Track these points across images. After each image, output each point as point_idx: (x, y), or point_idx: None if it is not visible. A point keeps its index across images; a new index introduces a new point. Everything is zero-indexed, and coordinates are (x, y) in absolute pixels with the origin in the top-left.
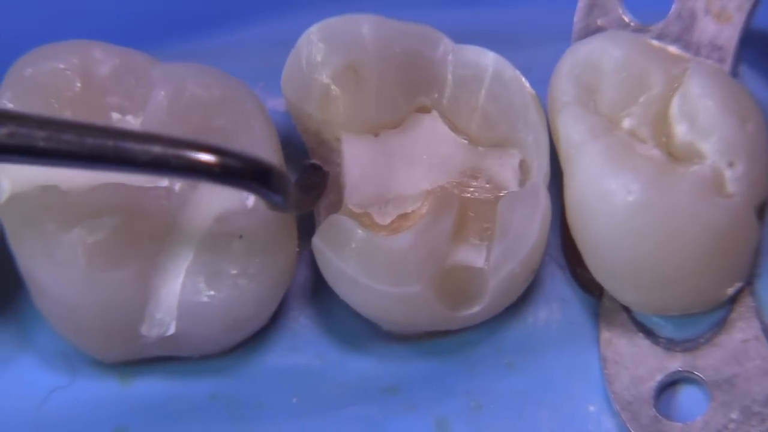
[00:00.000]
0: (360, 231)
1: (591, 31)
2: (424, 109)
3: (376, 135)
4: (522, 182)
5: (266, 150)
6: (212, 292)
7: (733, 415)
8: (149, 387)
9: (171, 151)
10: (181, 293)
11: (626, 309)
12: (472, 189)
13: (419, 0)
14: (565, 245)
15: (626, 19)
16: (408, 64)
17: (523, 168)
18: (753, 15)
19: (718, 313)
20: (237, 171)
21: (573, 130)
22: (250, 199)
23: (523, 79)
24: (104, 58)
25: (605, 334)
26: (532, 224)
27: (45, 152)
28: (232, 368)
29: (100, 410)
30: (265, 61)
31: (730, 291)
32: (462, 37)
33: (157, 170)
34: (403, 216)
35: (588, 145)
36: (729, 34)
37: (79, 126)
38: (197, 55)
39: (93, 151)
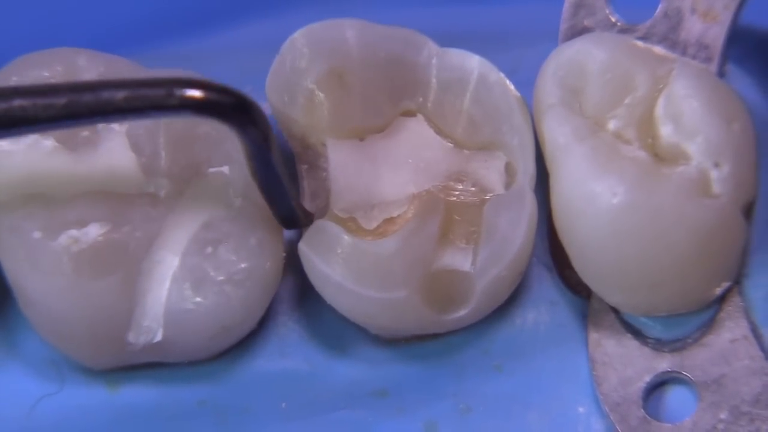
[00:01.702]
0: (346, 236)
1: (577, 31)
2: (409, 113)
3: (362, 139)
4: (508, 185)
5: None
6: (199, 299)
7: (722, 416)
8: (137, 393)
9: (147, 89)
10: (167, 300)
11: (614, 310)
12: (457, 192)
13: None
14: (552, 247)
15: (613, 19)
16: (392, 69)
17: (509, 171)
18: (739, 13)
19: (707, 312)
20: (217, 103)
21: (558, 133)
22: (236, 205)
23: (508, 82)
24: (89, 66)
25: (593, 336)
26: (518, 227)
27: (23, 120)
28: (221, 374)
29: (88, 417)
30: (253, 64)
31: (718, 291)
32: (447, 37)
33: (137, 111)
34: (389, 220)
35: (573, 147)
36: (716, 33)
37: (53, 87)
38: (184, 58)
39: (69, 107)
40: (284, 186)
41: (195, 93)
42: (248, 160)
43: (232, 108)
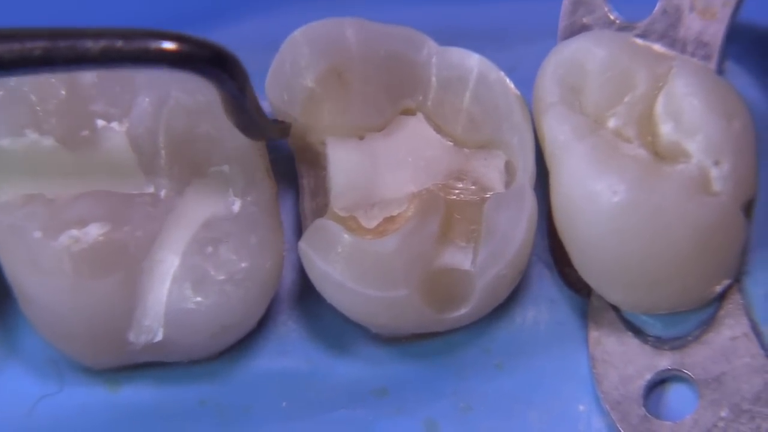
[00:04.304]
0: (346, 235)
1: (576, 29)
2: (408, 112)
3: (361, 138)
4: (508, 183)
5: (252, 154)
6: (199, 298)
7: (723, 413)
8: (138, 393)
9: (124, 41)
10: (167, 300)
11: (615, 308)
12: (457, 191)
13: None
14: (552, 245)
15: (611, 17)
16: (392, 67)
17: (509, 169)
18: (738, 10)
19: (707, 310)
20: (193, 55)
21: (558, 131)
22: (236, 204)
23: (508, 80)
24: None
25: (594, 334)
26: (518, 225)
27: None
28: (221, 373)
29: (89, 417)
30: (252, 63)
31: (719, 289)
32: (446, 36)
33: (113, 62)
34: (389, 219)
35: (573, 145)
36: (714, 31)
37: (30, 33)
38: None
39: (45, 55)
40: (257, 122)
41: (170, 45)
42: (223, 103)
43: (208, 61)
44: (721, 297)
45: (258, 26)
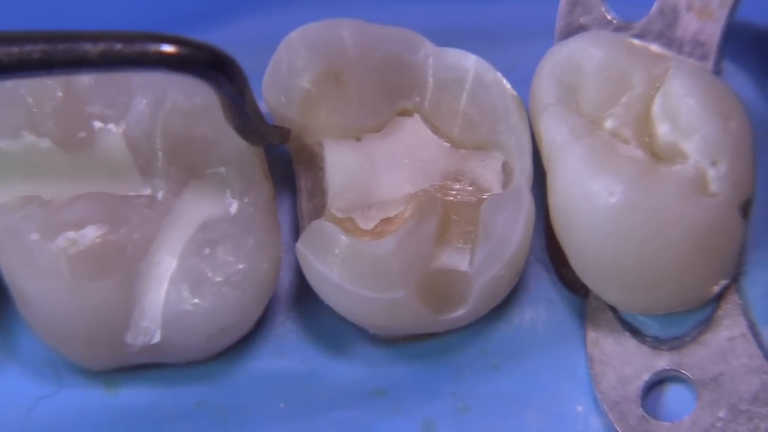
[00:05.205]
0: (343, 236)
1: (573, 29)
2: (405, 113)
3: (358, 139)
4: (505, 184)
5: (249, 156)
6: (196, 300)
7: (721, 414)
8: (135, 394)
9: (123, 44)
10: (165, 301)
11: (612, 308)
12: (455, 192)
13: None
14: (549, 246)
15: (608, 17)
16: (389, 68)
17: (506, 170)
18: (735, 10)
19: (705, 311)
20: (192, 59)
21: (555, 132)
22: (234, 206)
23: (505, 81)
24: None
25: (591, 334)
26: (515, 226)
27: None
28: (219, 375)
29: (86, 418)
30: (249, 64)
31: (716, 289)
32: (443, 36)
33: (112, 65)
34: (387, 220)
35: (570, 146)
36: (712, 30)
37: (28, 36)
38: None
39: (44, 58)
40: (256, 127)
41: (169, 48)
42: (222, 107)
43: (207, 64)
44: (719, 297)
45: (255, 27)
